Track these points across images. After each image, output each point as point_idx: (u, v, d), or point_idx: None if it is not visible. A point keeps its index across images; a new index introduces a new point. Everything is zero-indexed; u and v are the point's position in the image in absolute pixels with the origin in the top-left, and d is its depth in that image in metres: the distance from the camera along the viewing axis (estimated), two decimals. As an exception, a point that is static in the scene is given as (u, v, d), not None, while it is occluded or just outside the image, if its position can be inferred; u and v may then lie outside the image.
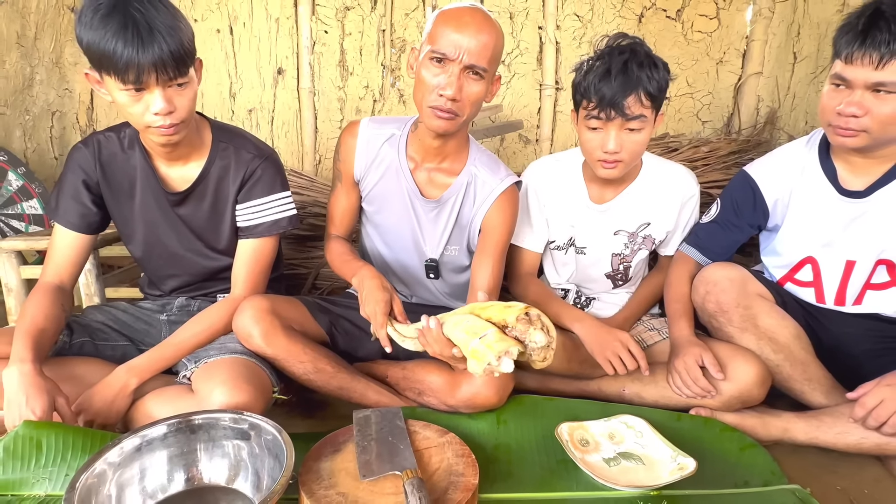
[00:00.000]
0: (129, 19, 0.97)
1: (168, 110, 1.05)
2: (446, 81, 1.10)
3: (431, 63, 1.11)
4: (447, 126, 1.15)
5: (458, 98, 1.11)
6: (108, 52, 0.97)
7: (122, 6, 0.98)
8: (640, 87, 1.17)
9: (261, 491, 0.88)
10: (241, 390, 1.02)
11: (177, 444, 0.90)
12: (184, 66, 1.05)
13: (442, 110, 1.12)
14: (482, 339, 0.84)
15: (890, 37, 1.01)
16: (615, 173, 1.27)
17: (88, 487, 0.78)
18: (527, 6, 2.31)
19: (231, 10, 2.35)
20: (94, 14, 0.98)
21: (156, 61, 0.99)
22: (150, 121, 1.06)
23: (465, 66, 1.09)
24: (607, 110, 1.19)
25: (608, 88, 1.18)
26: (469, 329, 0.89)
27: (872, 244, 1.21)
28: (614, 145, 1.21)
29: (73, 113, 2.44)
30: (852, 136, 1.10)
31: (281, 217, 1.28)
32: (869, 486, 1.10)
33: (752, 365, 1.20)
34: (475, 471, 0.95)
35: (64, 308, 1.16)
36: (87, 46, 1.00)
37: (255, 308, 1.16)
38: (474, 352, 0.84)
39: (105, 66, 1.00)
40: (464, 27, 1.08)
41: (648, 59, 1.19)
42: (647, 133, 1.23)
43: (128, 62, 0.98)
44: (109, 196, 1.25)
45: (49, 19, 2.24)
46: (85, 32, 0.99)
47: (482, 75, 1.12)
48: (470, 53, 1.08)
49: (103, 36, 0.97)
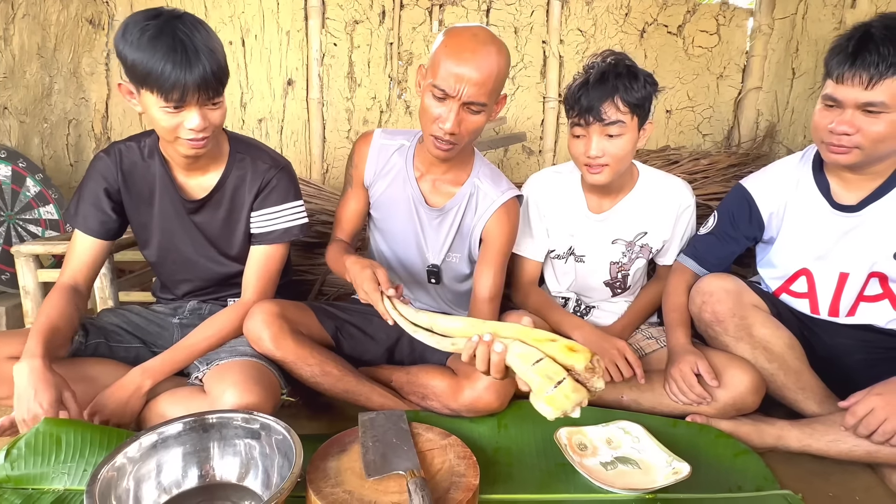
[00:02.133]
0: (177, 42, 1.03)
1: (202, 126, 1.10)
2: (446, 116, 1.14)
3: (433, 97, 1.15)
4: (446, 155, 1.21)
5: (457, 132, 1.15)
6: (157, 72, 1.02)
7: (169, 29, 1.03)
8: (616, 94, 1.23)
9: (270, 488, 0.91)
10: (252, 392, 1.06)
11: (191, 441, 0.94)
12: (221, 86, 1.11)
13: (441, 140, 1.17)
14: (559, 387, 0.87)
15: (879, 58, 1.04)
16: (602, 178, 1.32)
17: (109, 480, 0.82)
18: (531, 21, 2.37)
19: (243, 24, 2.42)
20: (142, 34, 1.03)
21: (199, 83, 1.05)
22: (184, 135, 1.11)
23: (464, 102, 1.13)
24: (586, 116, 1.25)
25: (586, 97, 1.25)
26: (542, 371, 0.89)
27: (865, 257, 1.24)
28: (595, 150, 1.27)
29: (89, 121, 2.51)
30: (845, 153, 1.14)
31: (293, 225, 1.33)
32: (860, 494, 1.12)
33: (746, 373, 1.23)
34: (476, 472, 0.98)
35: (78, 308, 1.20)
36: (133, 64, 1.04)
37: (265, 312, 1.20)
38: (551, 398, 0.87)
39: (149, 84, 1.05)
40: (463, 63, 1.09)
41: (627, 70, 1.25)
42: (628, 139, 1.27)
43: (174, 83, 1.03)
44: (129, 203, 1.29)
45: (68, 31, 2.31)
46: (130, 51, 1.04)
47: (481, 109, 1.15)
48: (469, 90, 1.11)
49: (152, 56, 1.02)
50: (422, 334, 1.04)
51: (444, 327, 1.02)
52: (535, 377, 0.88)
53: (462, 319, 1.02)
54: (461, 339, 0.98)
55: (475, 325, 0.99)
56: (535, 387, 0.88)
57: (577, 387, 0.88)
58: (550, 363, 0.89)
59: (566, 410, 0.87)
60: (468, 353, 0.94)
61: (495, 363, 0.92)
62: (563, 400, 0.87)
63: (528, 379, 0.89)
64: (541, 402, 0.88)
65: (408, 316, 1.06)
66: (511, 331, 0.95)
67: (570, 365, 0.89)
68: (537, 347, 0.92)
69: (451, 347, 1.00)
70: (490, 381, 1.18)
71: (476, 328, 0.97)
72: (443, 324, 1.02)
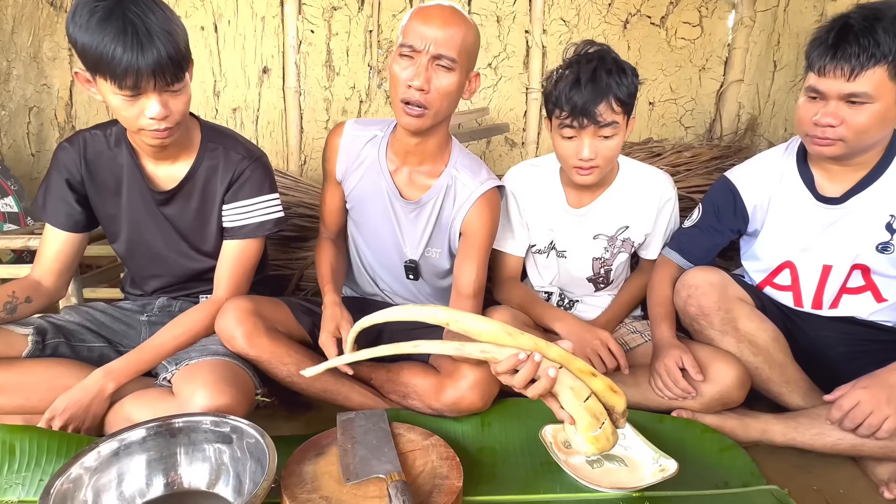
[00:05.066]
0: (127, 24, 0.96)
1: (163, 115, 1.04)
2: (414, 73, 1.10)
3: (401, 57, 1.12)
4: (418, 123, 1.16)
5: (427, 89, 1.11)
6: (107, 56, 0.96)
7: (119, 10, 0.96)
8: (611, 94, 1.19)
9: (242, 495, 0.87)
10: (224, 393, 1.01)
11: (156, 447, 0.89)
12: (181, 71, 1.04)
13: (411, 104, 1.13)
14: (602, 427, 0.93)
15: (860, 49, 1.04)
16: (591, 179, 1.29)
17: (63, 493, 0.76)
18: (514, 10, 2.33)
19: (216, 8, 2.32)
20: (91, 16, 0.96)
21: (154, 67, 0.98)
22: (145, 124, 1.05)
23: (432, 55, 1.10)
24: (580, 119, 1.20)
25: (579, 97, 1.19)
26: (591, 410, 0.93)
27: (848, 249, 1.24)
28: (589, 153, 1.23)
29: (52, 109, 2.39)
30: (829, 144, 1.13)
31: (267, 219, 1.27)
32: (844, 486, 1.12)
33: (731, 367, 1.22)
34: (459, 473, 0.95)
35: (28, 299, 1.18)
36: (82, 49, 0.98)
37: (238, 309, 1.15)
38: (596, 439, 0.93)
39: (101, 70, 0.98)
40: (431, 19, 1.10)
41: (616, 66, 1.21)
42: (620, 139, 1.25)
43: (126, 68, 0.97)
44: (95, 194, 1.23)
45: (27, 13, 2.19)
46: (80, 34, 0.97)
47: (452, 67, 1.12)
48: (437, 43, 1.09)
49: (101, 40, 0.96)
50: (405, 347, 1.03)
51: (467, 327, 0.98)
52: (584, 415, 0.92)
53: (491, 323, 0.97)
54: (491, 345, 0.96)
55: (512, 334, 0.96)
56: (583, 425, 0.93)
57: (614, 430, 0.95)
58: (597, 402, 0.94)
59: (605, 450, 0.95)
60: (508, 366, 0.92)
61: (542, 387, 0.91)
62: (605, 442, 0.94)
63: (577, 415, 0.93)
64: (584, 440, 0.94)
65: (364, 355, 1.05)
66: (552, 353, 0.94)
67: (612, 405, 0.94)
68: (582, 380, 0.94)
69: (481, 355, 0.97)
70: (474, 381, 1.15)
71: (515, 338, 0.95)
72: (467, 322, 0.98)
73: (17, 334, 1.15)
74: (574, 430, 0.94)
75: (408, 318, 1.02)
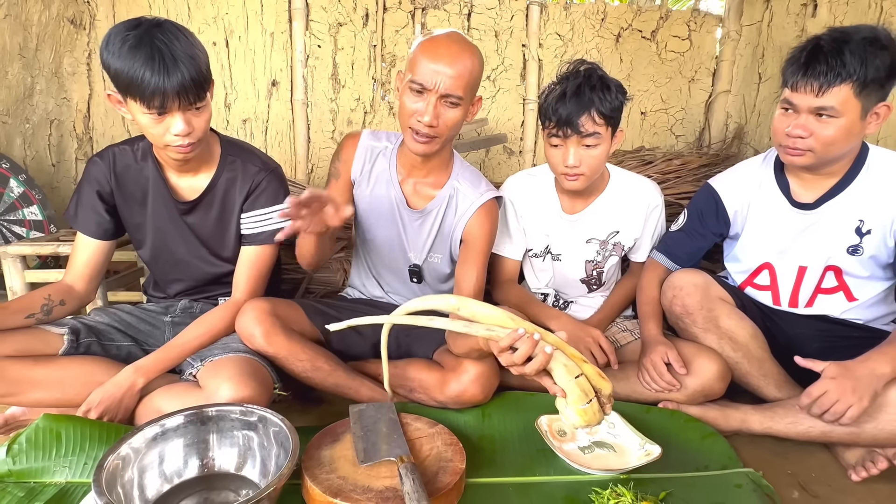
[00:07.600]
0: (154, 50, 1.06)
1: (187, 132, 1.14)
2: (424, 109, 1.20)
3: (411, 92, 1.21)
4: (426, 149, 1.26)
5: (435, 124, 1.21)
6: (136, 80, 1.06)
7: (148, 38, 1.07)
8: (593, 108, 1.29)
9: (267, 477, 0.95)
10: (247, 386, 1.10)
11: (191, 433, 0.98)
12: (203, 91, 1.14)
13: (420, 134, 1.23)
14: (590, 403, 1.01)
15: (828, 68, 1.14)
16: (578, 185, 1.39)
17: (114, 469, 0.86)
18: (511, 25, 2.43)
19: (227, 25, 2.43)
20: (123, 44, 1.06)
21: (179, 89, 1.08)
22: (170, 140, 1.15)
23: (441, 95, 1.19)
24: (564, 129, 1.31)
25: (564, 109, 1.30)
26: (581, 385, 1.01)
27: (821, 251, 1.33)
28: (573, 160, 1.34)
29: (71, 121, 2.50)
30: (800, 154, 1.23)
31: (282, 226, 1.36)
32: (816, 471, 1.21)
33: (713, 362, 1.31)
34: (462, 457, 1.04)
35: (62, 302, 1.28)
36: (115, 74, 1.08)
37: (256, 310, 1.24)
38: (584, 411, 1.01)
39: (131, 93, 1.09)
40: (440, 58, 1.17)
41: (601, 82, 1.31)
42: (603, 148, 1.35)
43: (154, 90, 1.07)
44: (122, 204, 1.33)
45: (49, 31, 2.30)
46: (113, 60, 1.08)
47: (458, 103, 1.21)
48: (446, 84, 1.18)
49: (132, 66, 1.06)
50: (423, 320, 1.06)
51: (475, 310, 1.05)
52: (574, 389, 1.00)
53: (496, 309, 1.04)
54: (495, 326, 1.02)
55: (514, 319, 1.03)
56: (573, 397, 1.01)
57: (600, 408, 1.03)
58: (586, 381, 1.02)
59: (591, 424, 1.03)
60: (509, 341, 0.98)
61: (539, 362, 0.97)
62: (592, 416, 1.02)
63: (568, 389, 1.01)
64: (573, 412, 1.02)
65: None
66: (549, 339, 1.02)
67: (599, 388, 1.03)
68: (576, 365, 1.02)
69: (486, 333, 1.01)
70: (475, 375, 1.24)
71: (517, 323, 1.01)
72: (475, 307, 1.05)
73: (54, 334, 1.23)
74: (564, 403, 1.02)
75: (425, 307, 1.08)
